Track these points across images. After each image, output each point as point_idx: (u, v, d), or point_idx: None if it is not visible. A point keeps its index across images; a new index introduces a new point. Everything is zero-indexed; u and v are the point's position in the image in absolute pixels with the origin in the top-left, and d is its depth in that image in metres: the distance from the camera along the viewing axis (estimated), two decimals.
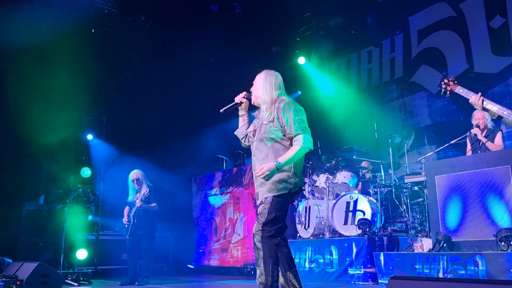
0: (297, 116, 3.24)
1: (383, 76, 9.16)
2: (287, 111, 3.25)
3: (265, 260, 3.12)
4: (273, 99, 3.36)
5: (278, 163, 3.16)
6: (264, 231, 3.17)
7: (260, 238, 3.16)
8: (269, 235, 3.16)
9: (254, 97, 3.51)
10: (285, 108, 3.26)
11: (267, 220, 3.18)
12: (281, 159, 3.18)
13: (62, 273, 6.86)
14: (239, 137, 3.66)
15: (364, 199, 6.58)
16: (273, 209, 3.20)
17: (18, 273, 6.03)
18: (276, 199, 3.23)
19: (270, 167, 3.14)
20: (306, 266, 6.64)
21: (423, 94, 8.39)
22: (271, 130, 3.28)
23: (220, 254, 9.23)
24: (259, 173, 3.16)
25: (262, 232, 3.17)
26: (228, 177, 9.46)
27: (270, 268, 3.11)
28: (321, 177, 7.36)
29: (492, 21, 7.43)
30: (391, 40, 9.03)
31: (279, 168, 3.16)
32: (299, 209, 7.31)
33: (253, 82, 3.55)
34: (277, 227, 3.21)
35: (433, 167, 5.56)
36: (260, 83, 3.45)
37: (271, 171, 3.14)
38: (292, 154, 3.21)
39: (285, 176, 3.26)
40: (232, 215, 9.17)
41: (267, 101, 3.36)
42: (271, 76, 3.46)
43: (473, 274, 4.69)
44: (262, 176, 3.14)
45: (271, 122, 3.30)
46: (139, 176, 7.04)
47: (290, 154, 3.21)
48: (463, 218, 5.14)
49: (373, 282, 5.79)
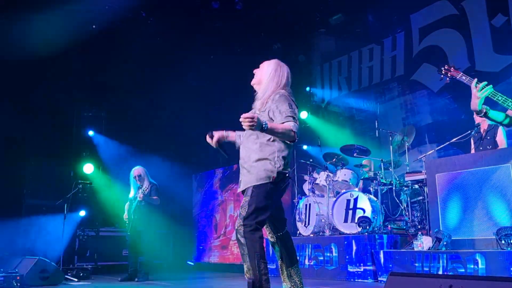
0: (289, 107, 3.13)
1: (384, 74, 9.14)
2: (280, 101, 3.16)
3: (250, 255, 3.01)
4: (274, 90, 3.27)
5: (265, 124, 2.93)
6: (246, 225, 3.04)
7: (242, 234, 3.03)
8: (251, 229, 3.03)
9: (257, 81, 3.41)
10: (280, 99, 3.18)
11: (247, 214, 3.06)
12: (270, 125, 2.97)
13: (62, 269, 6.87)
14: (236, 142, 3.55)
15: (365, 197, 6.58)
16: (253, 201, 3.07)
17: (18, 269, 6.05)
18: (257, 190, 3.10)
19: (255, 117, 2.86)
20: (306, 263, 6.64)
21: (424, 92, 8.37)
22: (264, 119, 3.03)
23: (220, 251, 9.25)
24: (244, 117, 2.86)
25: (244, 227, 3.04)
26: (228, 174, 9.47)
27: (256, 262, 3.00)
28: (322, 175, 7.35)
29: (494, 19, 7.41)
30: (393, 38, 9.01)
31: (264, 128, 2.92)
32: (299, 206, 7.31)
33: (260, 66, 3.44)
34: (259, 220, 3.07)
35: (434, 165, 5.55)
36: (267, 73, 3.35)
37: (257, 122, 2.86)
38: (280, 127, 3.02)
39: (267, 165, 3.13)
40: (233, 212, 9.19)
41: (268, 94, 3.27)
42: (283, 71, 3.36)
43: (473, 272, 4.69)
44: (248, 121, 2.84)
45: (263, 112, 3.22)
46: (141, 172, 7.03)
47: (278, 126, 3.03)
48: (463, 216, 5.13)
49: (373, 279, 5.79)
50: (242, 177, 3.26)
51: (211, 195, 9.92)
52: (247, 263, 3.02)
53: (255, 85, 3.42)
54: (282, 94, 3.21)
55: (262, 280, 3.01)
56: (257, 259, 3.01)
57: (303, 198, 7.37)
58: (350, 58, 9.92)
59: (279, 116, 3.10)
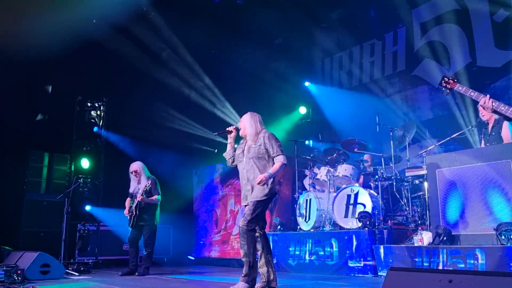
0: (277, 142, 4.60)
1: (385, 69, 9.13)
2: (271, 139, 4.59)
3: (248, 246, 4.38)
4: (258, 131, 4.67)
5: (270, 174, 4.43)
6: (248, 226, 4.39)
7: (245, 230, 4.39)
8: (250, 228, 4.40)
9: (242, 129, 4.75)
10: (269, 137, 4.61)
11: (251, 218, 4.41)
12: (272, 171, 4.46)
13: (63, 263, 6.88)
14: (227, 158, 4.86)
15: (365, 192, 6.58)
16: (255, 210, 4.43)
17: (19, 263, 6.07)
18: (259, 203, 4.45)
19: (266, 176, 4.40)
20: (306, 258, 6.66)
21: (425, 87, 8.36)
22: (259, 151, 4.56)
23: (220, 245, 9.26)
24: (259, 181, 4.37)
25: (247, 226, 4.38)
26: (229, 168, 9.48)
27: (252, 251, 4.39)
28: (322, 170, 7.36)
29: (496, 15, 7.39)
30: (394, 33, 8.99)
31: (271, 177, 4.45)
32: (300, 201, 7.32)
33: (241, 120, 4.81)
34: (258, 225, 4.49)
35: (434, 161, 5.55)
36: (247, 121, 4.72)
37: (267, 178, 4.41)
38: (278, 168, 4.51)
39: (269, 186, 4.48)
40: (233, 207, 9.20)
41: (253, 134, 4.66)
42: (256, 116, 4.76)
43: (473, 267, 4.70)
44: (262, 184, 4.38)
45: (259, 146, 4.57)
46: (138, 168, 7.04)
47: (277, 168, 4.51)
48: (464, 211, 5.13)
49: (373, 274, 5.81)
50: (248, 193, 4.55)
51: (212, 190, 9.93)
52: (245, 250, 4.39)
53: (244, 133, 4.74)
54: (270, 134, 4.65)
55: (255, 261, 4.45)
56: (253, 249, 4.42)
57: (303, 193, 7.38)
58: (351, 53, 9.90)
59: (272, 150, 4.55)
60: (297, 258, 6.82)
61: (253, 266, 4.41)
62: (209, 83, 10.38)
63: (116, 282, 5.90)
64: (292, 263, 6.89)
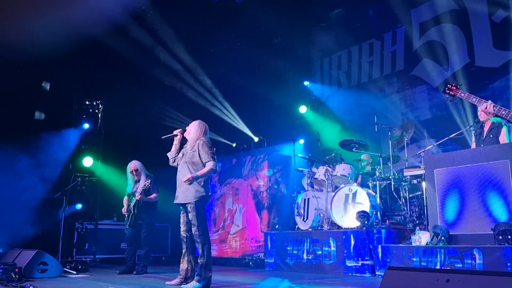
0: (210, 150, 4.96)
1: (384, 69, 9.13)
2: (204, 146, 4.96)
3: (203, 248, 4.94)
4: (198, 138, 5.06)
5: (197, 175, 4.82)
6: (199, 231, 4.94)
7: (197, 236, 4.95)
8: (201, 233, 4.95)
9: (187, 133, 5.21)
10: (203, 145, 4.97)
11: (198, 223, 4.94)
12: (199, 173, 4.85)
13: (60, 261, 6.87)
14: (169, 158, 5.31)
15: (363, 191, 6.59)
16: (198, 215, 4.94)
17: (17, 261, 6.05)
18: (196, 207, 4.91)
19: (193, 176, 4.78)
20: (304, 257, 6.67)
21: (424, 87, 8.37)
22: (193, 156, 4.96)
23: (218, 244, 9.26)
24: (185, 179, 4.74)
25: (198, 232, 4.95)
26: (227, 168, 9.47)
27: (205, 253, 4.92)
28: (320, 169, 7.36)
29: (494, 15, 7.40)
30: (393, 32, 8.99)
31: (197, 178, 4.82)
32: (298, 201, 7.32)
33: (189, 125, 5.23)
34: (187, 227, 5.19)
35: (432, 161, 5.56)
36: (193, 128, 5.16)
37: (193, 178, 4.78)
38: (205, 171, 4.89)
39: (199, 189, 4.93)
40: (231, 206, 9.20)
41: (194, 139, 5.08)
42: (203, 126, 5.19)
43: (470, 267, 4.71)
44: (188, 182, 4.76)
45: (193, 152, 4.98)
46: (137, 167, 7.03)
47: (204, 171, 4.89)
48: (461, 211, 5.14)
49: (370, 274, 5.82)
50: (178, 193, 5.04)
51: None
52: (200, 252, 4.88)
53: (188, 136, 5.18)
54: (204, 141, 5.02)
55: (210, 262, 4.92)
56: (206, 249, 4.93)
57: (301, 193, 7.38)
58: (350, 52, 9.90)
59: (204, 156, 4.93)
60: (295, 257, 6.82)
61: (206, 266, 4.87)
62: (207, 82, 10.37)
63: (114, 280, 5.89)
64: (290, 262, 6.89)
